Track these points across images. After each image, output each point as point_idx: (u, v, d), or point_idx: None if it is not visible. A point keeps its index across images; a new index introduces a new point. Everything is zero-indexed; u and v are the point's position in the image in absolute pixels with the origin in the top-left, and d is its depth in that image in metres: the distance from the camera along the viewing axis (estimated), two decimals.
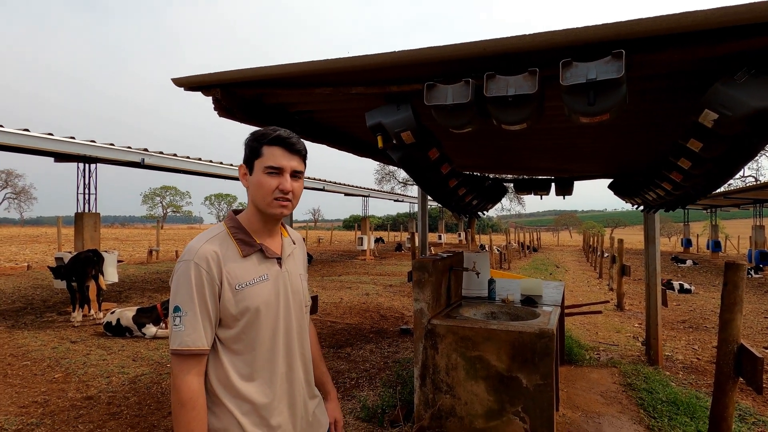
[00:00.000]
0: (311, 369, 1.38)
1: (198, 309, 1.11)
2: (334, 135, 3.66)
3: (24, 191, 55.59)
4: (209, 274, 1.13)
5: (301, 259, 1.42)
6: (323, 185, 14.91)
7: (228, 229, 1.23)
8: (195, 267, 1.12)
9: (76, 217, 7.69)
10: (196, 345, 1.10)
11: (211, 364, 1.17)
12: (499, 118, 1.77)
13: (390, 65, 1.92)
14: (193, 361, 1.12)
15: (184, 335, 1.10)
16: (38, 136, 5.82)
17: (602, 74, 1.50)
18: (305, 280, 1.40)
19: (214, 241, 1.19)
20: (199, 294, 1.12)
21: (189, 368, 1.11)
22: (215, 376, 1.16)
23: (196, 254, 1.14)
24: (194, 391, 1.10)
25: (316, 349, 1.51)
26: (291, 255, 1.33)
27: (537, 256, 21.15)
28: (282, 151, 1.21)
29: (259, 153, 1.20)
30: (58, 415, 3.42)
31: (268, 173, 1.19)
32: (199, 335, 1.11)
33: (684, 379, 4.34)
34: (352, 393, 3.83)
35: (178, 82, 2.55)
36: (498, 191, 4.91)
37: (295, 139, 1.24)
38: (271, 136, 1.20)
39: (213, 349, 1.17)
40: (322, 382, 1.50)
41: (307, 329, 1.37)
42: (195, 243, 1.18)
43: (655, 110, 2.47)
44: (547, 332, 2.72)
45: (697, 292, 9.96)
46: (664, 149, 3.11)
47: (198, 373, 1.12)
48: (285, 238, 1.34)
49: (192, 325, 1.11)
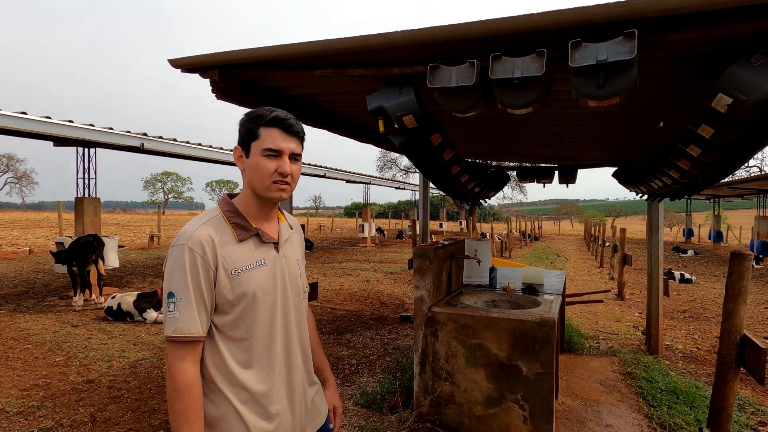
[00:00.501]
0: (310, 356, 1.36)
1: (193, 295, 1.09)
2: (334, 120, 3.60)
3: (25, 176, 55.52)
4: (204, 259, 1.10)
5: (299, 244, 1.39)
6: (324, 172, 14.84)
7: (223, 212, 1.20)
8: (189, 252, 1.09)
9: (76, 201, 7.67)
10: (191, 332, 1.08)
11: (208, 350, 1.14)
12: (505, 101, 1.71)
13: (391, 46, 1.85)
14: (189, 347, 1.09)
15: (179, 321, 1.07)
16: (36, 119, 5.76)
17: (613, 55, 1.44)
18: (303, 266, 1.37)
19: (208, 225, 1.15)
20: (194, 279, 1.09)
21: (184, 355, 1.08)
22: (212, 362, 1.14)
23: (190, 238, 1.11)
24: (190, 378, 1.08)
25: (314, 335, 1.49)
26: (288, 240, 1.30)
27: (538, 244, 21.14)
28: (280, 132, 1.17)
29: (256, 134, 1.17)
30: (59, 398, 3.44)
31: (267, 156, 1.15)
32: (194, 321, 1.09)
33: (684, 368, 4.34)
34: (351, 379, 3.84)
35: (175, 63, 2.49)
36: (500, 179, 4.85)
37: (293, 121, 1.20)
38: (268, 117, 1.16)
39: (209, 335, 1.14)
40: (320, 368, 1.48)
41: (305, 315, 1.34)
42: (189, 227, 1.14)
43: (665, 95, 2.40)
44: (549, 321, 2.70)
45: (698, 282, 9.95)
46: (672, 136, 3.04)
47: (194, 361, 1.10)
48: (282, 223, 1.31)
49: (187, 311, 1.08)
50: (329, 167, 14.91)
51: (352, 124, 3.88)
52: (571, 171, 4.98)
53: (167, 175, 67.02)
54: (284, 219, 1.34)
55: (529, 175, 5.25)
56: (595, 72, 1.48)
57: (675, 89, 2.29)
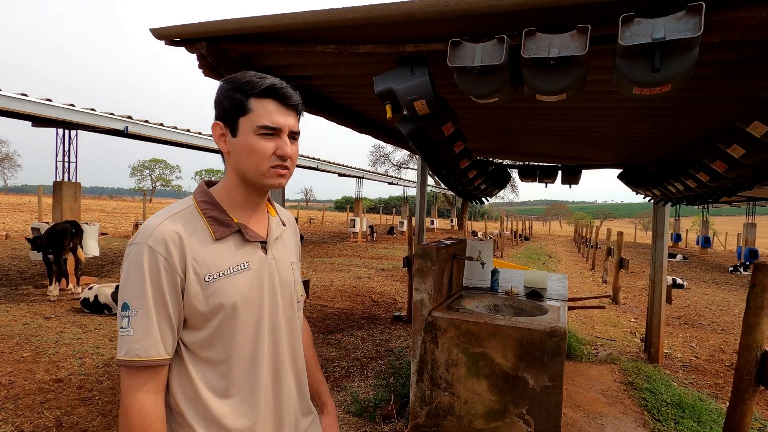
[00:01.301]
0: (305, 380, 1.11)
1: (153, 307, 0.85)
2: (333, 107, 3.35)
3: (7, 158, 53.96)
4: (168, 262, 0.87)
5: (293, 243, 1.14)
6: (317, 164, 14.51)
7: (197, 203, 0.95)
8: (149, 252, 0.86)
9: (54, 186, 7.29)
10: (148, 354, 0.85)
11: (175, 376, 0.91)
12: (536, 85, 1.49)
13: (406, 19, 1.61)
14: (147, 374, 0.86)
15: (133, 341, 0.84)
16: (10, 96, 5.38)
17: (672, 33, 1.23)
18: (298, 270, 1.13)
19: (176, 219, 0.91)
20: (155, 287, 0.86)
21: (141, 384, 0.85)
22: (180, 391, 0.90)
23: (151, 235, 0.87)
24: (147, 413, 0.84)
25: (310, 352, 1.25)
26: (280, 238, 1.06)
27: (529, 245, 21.12)
28: (276, 105, 0.93)
29: (245, 108, 0.92)
30: (23, 399, 3.15)
31: (262, 135, 0.91)
32: (153, 341, 0.85)
33: (684, 378, 4.21)
34: (342, 384, 3.62)
35: (158, 33, 2.21)
36: (503, 177, 4.66)
37: (291, 90, 0.95)
38: (261, 86, 0.92)
39: (177, 356, 0.91)
40: (317, 392, 1.24)
41: (299, 330, 1.10)
42: (152, 221, 0.90)
43: (701, 90, 2.20)
44: (559, 331, 2.51)
45: (689, 288, 9.93)
46: (697, 141, 2.86)
47: (153, 390, 0.86)
48: (272, 218, 1.07)
49: (144, 329, 0.85)
50: (322, 159, 14.59)
51: (353, 113, 3.63)
52: (575, 171, 4.80)
53: (155, 162, 65.88)
54: (275, 213, 1.09)
55: (531, 173, 5.06)
56: (649, 52, 1.26)
57: (711, 84, 2.08)
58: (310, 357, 1.24)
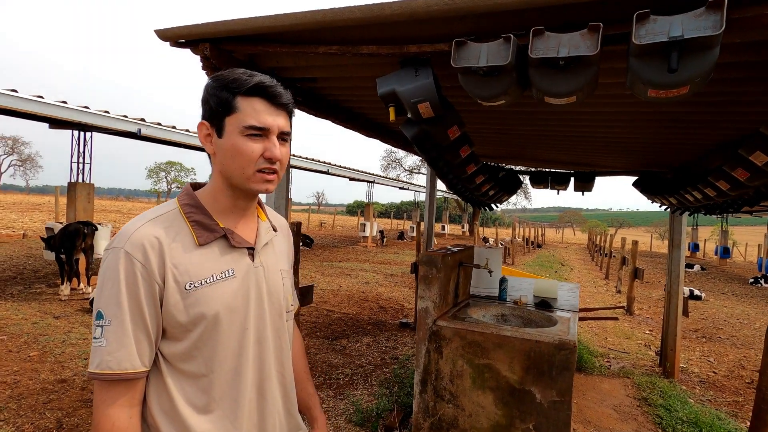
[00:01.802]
0: (293, 394, 1.05)
1: (128, 317, 0.81)
2: (339, 110, 3.31)
3: (30, 159, 55.46)
4: (146, 269, 0.82)
5: (285, 250, 1.08)
6: (328, 168, 14.54)
7: (181, 207, 0.91)
8: (126, 258, 0.82)
9: (69, 186, 7.40)
10: (121, 367, 0.80)
11: (153, 389, 0.86)
12: (544, 87, 1.42)
13: (409, 18, 1.56)
14: (121, 388, 0.81)
15: (106, 353, 0.80)
16: (27, 98, 5.48)
17: (691, 31, 1.15)
18: (289, 278, 1.06)
19: (157, 223, 0.86)
20: (131, 296, 0.81)
21: (114, 398, 0.80)
22: (157, 404, 0.85)
23: (128, 240, 0.83)
24: (120, 429, 0.80)
25: (302, 364, 1.19)
26: (269, 245, 1.01)
27: (541, 252, 20.81)
28: (265, 104, 0.88)
29: (231, 107, 0.87)
30: (26, 399, 3.16)
31: (249, 135, 0.86)
32: (128, 353, 0.80)
33: (702, 395, 4.04)
34: (345, 392, 3.55)
35: (162, 35, 2.20)
36: (514, 183, 4.56)
37: (281, 89, 0.90)
38: (249, 84, 0.86)
39: (155, 368, 0.86)
40: (308, 406, 1.18)
41: (288, 342, 1.03)
42: (131, 224, 0.86)
43: (721, 94, 2.10)
44: (568, 344, 2.41)
45: (707, 300, 9.63)
46: (717, 148, 2.74)
47: (128, 404, 0.82)
48: (262, 223, 1.01)
49: (118, 340, 0.80)
50: (333, 164, 14.61)
51: (358, 115, 3.58)
52: (588, 178, 4.68)
53: (171, 164, 66.97)
54: (265, 218, 1.04)
55: (543, 180, 4.95)
56: (666, 51, 1.18)
57: (732, 88, 1.98)
58: (301, 369, 1.18)
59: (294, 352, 1.15)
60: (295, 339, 1.18)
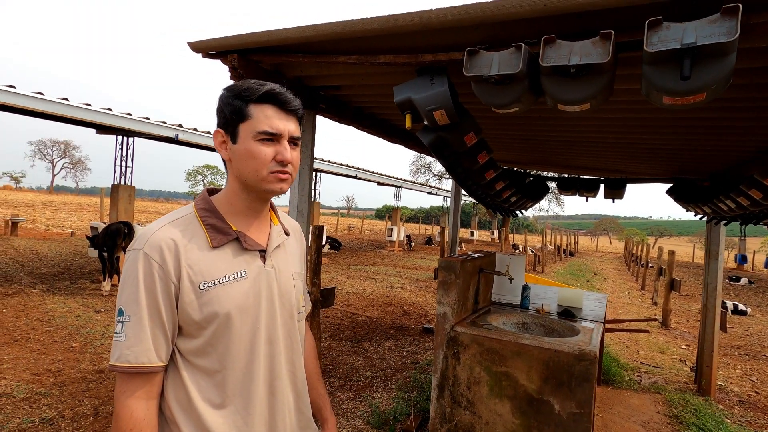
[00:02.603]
0: (305, 393, 1.09)
1: (146, 314, 0.87)
2: (362, 116, 3.37)
3: (80, 162, 59.09)
4: (163, 269, 0.88)
5: (297, 253, 1.13)
6: (356, 173, 14.72)
7: (197, 211, 0.97)
8: (144, 259, 0.88)
9: (112, 188, 7.86)
10: (139, 361, 0.86)
11: (170, 382, 0.92)
12: (556, 95, 1.42)
13: (423, 28, 1.60)
14: (139, 380, 0.87)
15: (125, 347, 0.86)
16: (77, 105, 5.89)
17: (704, 38, 1.13)
18: (301, 280, 1.11)
19: (174, 226, 0.93)
20: (149, 294, 0.87)
21: (132, 390, 0.86)
22: (174, 398, 0.91)
23: (147, 242, 0.89)
24: (137, 420, 0.85)
25: (313, 365, 1.23)
26: (281, 247, 1.06)
27: (574, 260, 20.18)
28: (275, 110, 0.94)
29: (244, 114, 0.93)
30: (68, 386, 3.38)
31: (262, 140, 0.92)
32: (145, 347, 0.86)
33: (741, 415, 3.82)
34: (364, 394, 3.59)
35: (195, 47, 2.33)
36: (540, 189, 4.48)
37: (290, 95, 0.96)
38: (260, 92, 0.93)
39: (173, 363, 0.92)
40: (318, 407, 1.21)
41: (299, 342, 1.08)
42: (151, 227, 0.93)
43: (751, 99, 2.02)
44: (589, 354, 2.36)
45: (753, 315, 9.06)
46: (756, 154, 2.62)
47: (145, 396, 0.87)
48: (274, 226, 1.06)
49: (136, 335, 0.86)
50: (360, 168, 14.78)
51: (381, 122, 3.64)
52: (619, 185, 4.54)
53: (208, 168, 69.49)
54: (277, 221, 1.09)
55: (571, 186, 4.83)
56: (678, 58, 1.17)
57: (763, 92, 1.90)
58: (312, 370, 1.22)
59: (306, 354, 1.20)
60: (308, 340, 1.22)
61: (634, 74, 1.80)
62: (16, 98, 5.60)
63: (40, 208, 23.99)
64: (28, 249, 10.36)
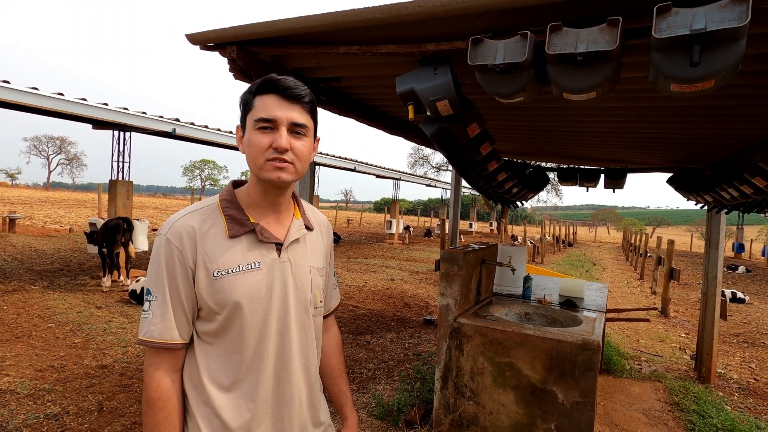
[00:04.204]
0: (318, 388, 1.10)
1: (168, 294, 0.93)
2: (362, 108, 3.35)
3: (76, 158, 58.78)
4: (181, 254, 0.94)
5: (319, 248, 1.11)
6: (354, 165, 14.67)
7: (219, 202, 1.01)
8: (166, 244, 0.94)
9: (110, 184, 7.82)
10: (163, 337, 0.93)
11: (188, 363, 0.97)
12: (562, 83, 1.40)
13: (427, 17, 1.57)
14: (165, 355, 0.94)
15: (151, 324, 0.93)
16: (72, 100, 5.83)
17: (714, 23, 1.11)
18: (321, 276, 1.09)
19: (196, 215, 0.97)
20: (170, 277, 0.94)
21: (159, 363, 0.93)
22: (188, 376, 0.97)
23: (170, 228, 0.95)
24: (164, 390, 0.92)
25: (336, 361, 1.22)
26: (300, 241, 1.04)
27: (572, 251, 20.24)
28: (276, 99, 0.93)
29: (249, 105, 0.96)
30: (71, 382, 3.39)
31: (260, 129, 0.93)
32: (169, 325, 0.93)
33: (740, 402, 3.85)
34: (367, 386, 3.61)
35: (192, 39, 2.30)
36: (540, 180, 4.47)
37: (292, 82, 0.95)
38: (260, 82, 0.95)
39: (192, 342, 0.97)
40: (340, 403, 1.22)
41: (314, 337, 1.07)
42: (176, 215, 0.98)
43: (757, 86, 2.00)
44: (592, 344, 2.37)
45: (751, 303, 9.12)
46: (757, 143, 2.61)
47: (171, 370, 0.95)
48: (296, 220, 1.05)
49: (161, 313, 0.93)
50: (359, 161, 14.73)
51: (382, 114, 3.61)
52: (619, 175, 4.53)
53: (205, 162, 69.23)
54: (299, 215, 1.08)
55: (571, 177, 4.82)
56: (687, 45, 1.15)
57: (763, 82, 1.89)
58: (335, 366, 1.22)
59: (329, 348, 1.21)
60: (332, 336, 1.24)
61: (639, 62, 1.78)
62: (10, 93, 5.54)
63: (37, 205, 23.89)
64: (27, 246, 10.32)
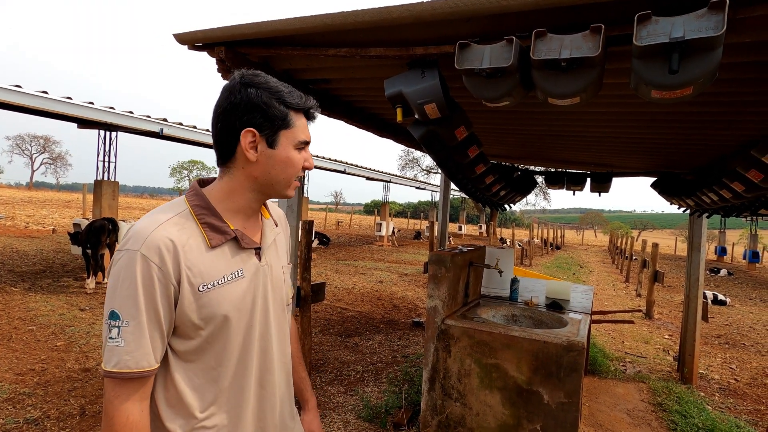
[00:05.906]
0: (291, 380, 1.11)
1: (145, 318, 0.83)
2: (352, 110, 3.35)
3: (60, 157, 57.64)
4: (162, 271, 0.83)
5: (285, 245, 1.12)
6: (344, 167, 14.66)
7: (191, 208, 0.92)
8: (142, 261, 0.82)
9: (95, 184, 7.69)
10: (139, 366, 0.82)
11: (160, 383, 0.89)
12: (547, 89, 1.43)
13: (414, 21, 1.59)
14: (136, 384, 0.83)
15: (124, 353, 0.81)
16: (57, 99, 5.73)
17: (692, 32, 1.15)
18: (288, 272, 1.11)
19: (171, 225, 0.87)
20: (148, 298, 0.83)
21: (128, 394, 0.83)
22: (164, 399, 0.89)
23: (144, 242, 0.83)
24: (133, 423, 0.83)
25: (295, 348, 1.22)
26: (273, 243, 1.04)
27: (560, 254, 20.47)
28: (305, 121, 0.98)
29: (288, 121, 0.93)
30: (53, 386, 3.32)
31: (300, 149, 0.96)
32: (145, 352, 0.83)
33: (721, 402, 3.94)
34: (355, 388, 3.60)
35: (180, 39, 2.28)
36: (528, 183, 4.53)
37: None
38: (308, 105, 0.97)
39: (164, 361, 0.89)
40: (299, 388, 1.22)
41: (288, 333, 1.09)
42: (145, 225, 0.86)
43: (738, 94, 2.06)
44: (576, 345, 2.40)
45: (732, 305, 9.32)
46: (736, 149, 2.68)
47: (140, 398, 0.84)
48: (266, 221, 1.05)
49: (136, 341, 0.82)
50: (349, 163, 14.72)
51: (372, 116, 3.63)
52: (605, 179, 4.60)
53: (193, 163, 68.47)
54: (268, 215, 1.07)
55: (559, 180, 4.89)
56: (666, 52, 1.18)
57: (750, 88, 1.94)
58: (295, 353, 1.21)
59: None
60: (291, 327, 1.21)
61: (623, 68, 1.82)
62: None
63: (19, 205, 23.36)
64: (8, 247, 10.09)
